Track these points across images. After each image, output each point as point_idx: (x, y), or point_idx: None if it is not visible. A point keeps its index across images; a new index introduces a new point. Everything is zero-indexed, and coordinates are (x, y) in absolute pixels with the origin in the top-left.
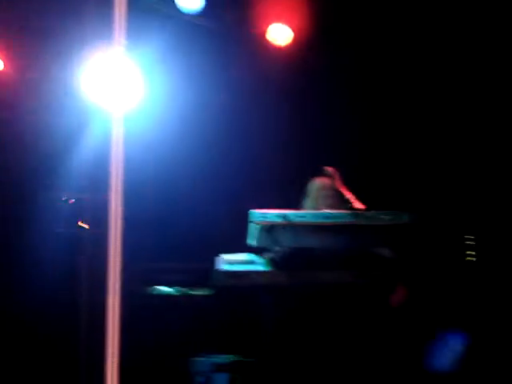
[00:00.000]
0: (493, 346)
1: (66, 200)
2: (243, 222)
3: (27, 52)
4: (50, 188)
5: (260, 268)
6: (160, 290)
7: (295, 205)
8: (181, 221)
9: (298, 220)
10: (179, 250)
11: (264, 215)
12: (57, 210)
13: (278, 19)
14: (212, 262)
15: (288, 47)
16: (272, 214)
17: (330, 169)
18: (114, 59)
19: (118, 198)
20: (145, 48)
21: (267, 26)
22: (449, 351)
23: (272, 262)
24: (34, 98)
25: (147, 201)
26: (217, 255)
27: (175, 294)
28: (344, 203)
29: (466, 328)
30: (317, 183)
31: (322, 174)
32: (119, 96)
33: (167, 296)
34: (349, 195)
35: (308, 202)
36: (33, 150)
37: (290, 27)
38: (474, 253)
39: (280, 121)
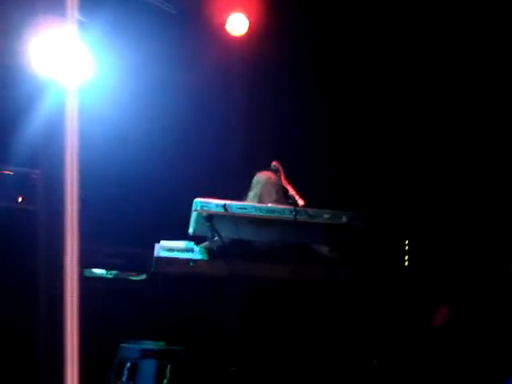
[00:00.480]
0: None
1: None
2: (188, 209)
3: None
4: None
5: (197, 257)
6: (93, 273)
7: (239, 196)
8: (126, 202)
9: (238, 212)
10: (118, 233)
11: (205, 204)
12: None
13: (236, 9)
14: (151, 248)
15: (245, 37)
16: (213, 203)
17: (275, 163)
18: (66, 32)
19: (74, 174)
20: (97, 23)
21: (225, 16)
22: None
23: (210, 251)
24: None
25: (96, 182)
26: (157, 241)
27: (108, 277)
28: (287, 199)
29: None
30: (262, 177)
31: (268, 167)
32: (71, 68)
33: (100, 279)
34: (292, 191)
35: (251, 195)
36: None
37: (248, 17)
38: (408, 258)
39: (234, 110)
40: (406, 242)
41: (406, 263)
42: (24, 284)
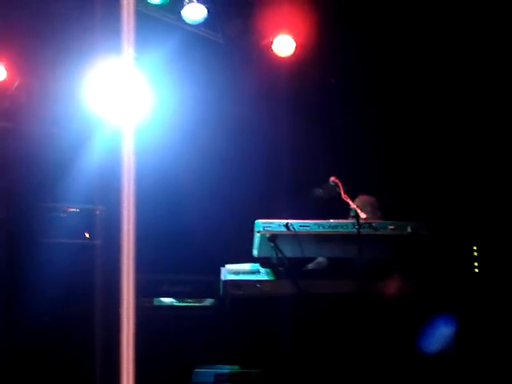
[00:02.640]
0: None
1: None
2: (249, 232)
3: (31, 60)
4: (56, 199)
5: (264, 277)
6: (162, 302)
7: (300, 214)
8: (186, 232)
9: (301, 229)
10: (184, 262)
11: (267, 225)
12: (62, 221)
13: (283, 31)
14: (216, 274)
15: (292, 59)
16: (275, 223)
17: (334, 178)
18: (121, 69)
19: (131, 209)
20: (151, 59)
21: (272, 38)
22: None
23: (276, 271)
24: (39, 108)
25: (152, 212)
26: (222, 266)
27: (178, 304)
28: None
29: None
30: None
31: (324, 184)
32: (127, 106)
33: (170, 307)
34: (353, 205)
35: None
36: (38, 161)
37: (294, 39)
38: (477, 264)
39: (284, 131)
40: (475, 248)
41: (476, 270)
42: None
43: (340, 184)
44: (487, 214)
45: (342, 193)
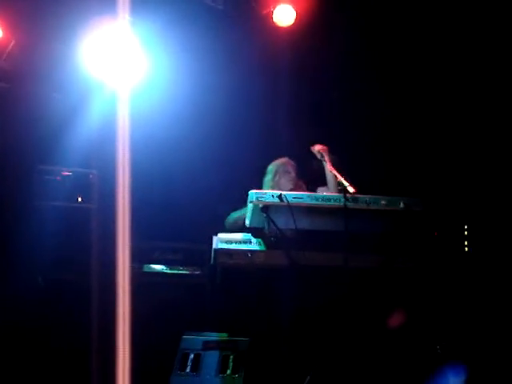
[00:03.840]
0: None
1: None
2: (243, 202)
3: (27, 20)
4: (51, 163)
5: (255, 247)
6: (152, 268)
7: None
8: (179, 200)
9: (294, 201)
10: (176, 230)
11: (260, 195)
12: (57, 184)
13: (283, 0)
14: (208, 243)
15: (292, 29)
16: (269, 194)
17: (319, 147)
18: (117, 32)
19: (126, 173)
20: (147, 23)
21: (272, 7)
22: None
23: (267, 242)
24: (35, 69)
25: (146, 179)
26: (214, 235)
27: (168, 272)
28: (337, 186)
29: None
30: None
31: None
32: (122, 70)
33: (159, 274)
34: (340, 178)
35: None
36: (34, 122)
37: (295, 8)
38: (468, 243)
39: (283, 102)
40: (466, 226)
41: (466, 248)
42: (83, 278)
43: (327, 154)
44: (479, 194)
45: (329, 165)
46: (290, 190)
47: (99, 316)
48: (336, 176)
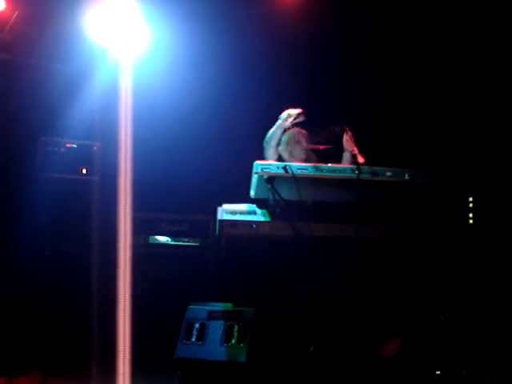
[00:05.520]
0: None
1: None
2: (247, 173)
3: None
4: (55, 134)
5: (260, 218)
6: (158, 240)
7: None
8: (185, 171)
9: (299, 172)
10: (181, 201)
11: (266, 166)
12: (60, 156)
13: None
14: (213, 214)
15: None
16: (274, 165)
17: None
18: (121, 3)
19: (128, 145)
20: None
21: None
22: None
23: (272, 213)
24: (39, 40)
25: (151, 151)
26: (219, 206)
27: (173, 243)
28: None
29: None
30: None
31: (324, 129)
32: (126, 40)
33: (165, 245)
34: (355, 150)
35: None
36: (38, 94)
37: None
38: (472, 214)
39: (285, 71)
40: (470, 198)
41: (471, 220)
42: (87, 250)
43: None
44: (485, 166)
45: (348, 137)
46: (303, 161)
47: (101, 287)
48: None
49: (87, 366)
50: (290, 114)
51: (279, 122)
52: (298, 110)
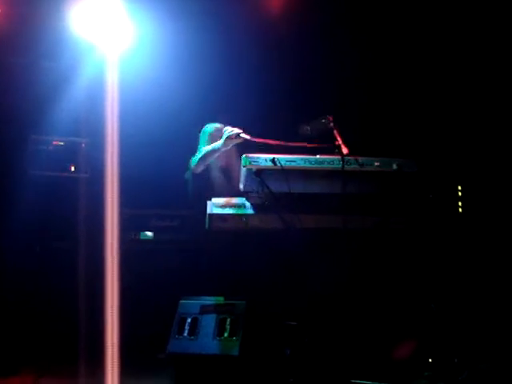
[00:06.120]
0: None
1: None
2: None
3: None
4: (43, 132)
5: (249, 211)
6: (148, 235)
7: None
8: (173, 166)
9: (287, 165)
10: (171, 196)
11: (254, 159)
12: (49, 154)
13: None
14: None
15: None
16: (262, 158)
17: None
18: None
19: (115, 143)
20: None
21: None
22: None
23: (261, 205)
24: (23, 39)
25: (139, 146)
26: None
27: (162, 238)
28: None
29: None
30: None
31: (315, 120)
32: (111, 36)
33: (153, 241)
34: (339, 140)
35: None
36: (24, 92)
37: None
38: (461, 204)
39: (274, 63)
40: (459, 187)
41: (460, 209)
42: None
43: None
44: (473, 154)
45: (334, 129)
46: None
47: (90, 284)
48: (336, 140)
49: (78, 363)
50: (229, 137)
51: (218, 144)
52: (237, 131)
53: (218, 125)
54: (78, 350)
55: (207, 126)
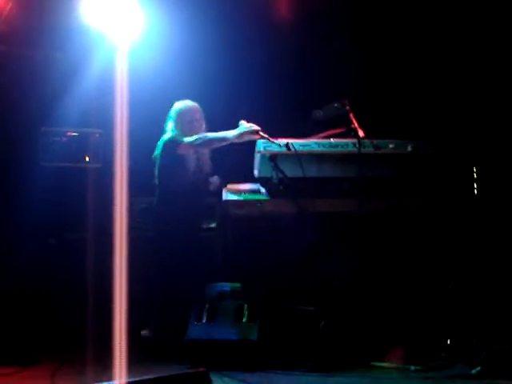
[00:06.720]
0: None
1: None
2: (250, 153)
3: None
4: (54, 123)
5: (265, 197)
6: None
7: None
8: None
9: (301, 149)
10: None
11: (268, 144)
12: (63, 146)
13: None
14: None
15: None
16: (276, 143)
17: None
18: None
19: (124, 133)
20: None
21: None
22: None
23: (276, 190)
24: (35, 31)
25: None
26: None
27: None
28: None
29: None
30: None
31: (327, 105)
32: (122, 26)
33: None
34: (355, 123)
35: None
36: (37, 84)
37: None
38: (477, 185)
39: (283, 49)
40: (474, 169)
41: (475, 191)
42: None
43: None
44: (488, 136)
45: (350, 113)
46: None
47: (101, 274)
48: (352, 123)
49: (91, 351)
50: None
51: (230, 135)
52: (256, 128)
53: (189, 103)
54: (88, 338)
55: (180, 103)
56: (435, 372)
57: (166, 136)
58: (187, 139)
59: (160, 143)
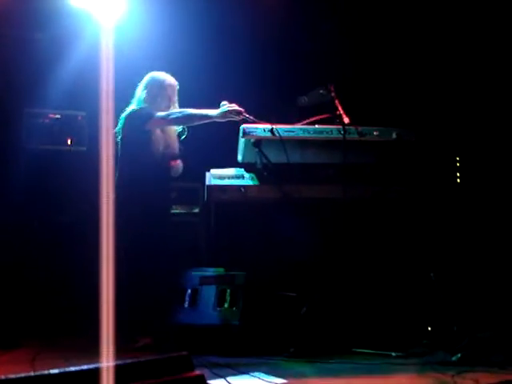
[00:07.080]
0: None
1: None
2: (234, 138)
3: None
4: (38, 106)
5: (248, 182)
6: None
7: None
8: None
9: (286, 135)
10: None
11: (252, 130)
12: (45, 128)
13: None
14: (201, 181)
15: None
16: (260, 128)
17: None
18: None
19: (110, 115)
20: None
21: None
22: None
23: (260, 176)
24: (18, 11)
25: None
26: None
27: None
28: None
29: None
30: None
31: (313, 91)
32: (107, 5)
33: None
34: (340, 109)
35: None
36: (19, 65)
37: None
38: (459, 174)
39: (270, 36)
40: (457, 158)
41: (458, 180)
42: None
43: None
44: (471, 125)
45: (336, 99)
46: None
47: (89, 258)
48: (337, 109)
49: (78, 336)
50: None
51: (212, 114)
52: (238, 108)
53: (173, 79)
54: (76, 323)
55: (162, 74)
56: (416, 358)
57: (132, 108)
58: (160, 113)
59: (123, 117)
